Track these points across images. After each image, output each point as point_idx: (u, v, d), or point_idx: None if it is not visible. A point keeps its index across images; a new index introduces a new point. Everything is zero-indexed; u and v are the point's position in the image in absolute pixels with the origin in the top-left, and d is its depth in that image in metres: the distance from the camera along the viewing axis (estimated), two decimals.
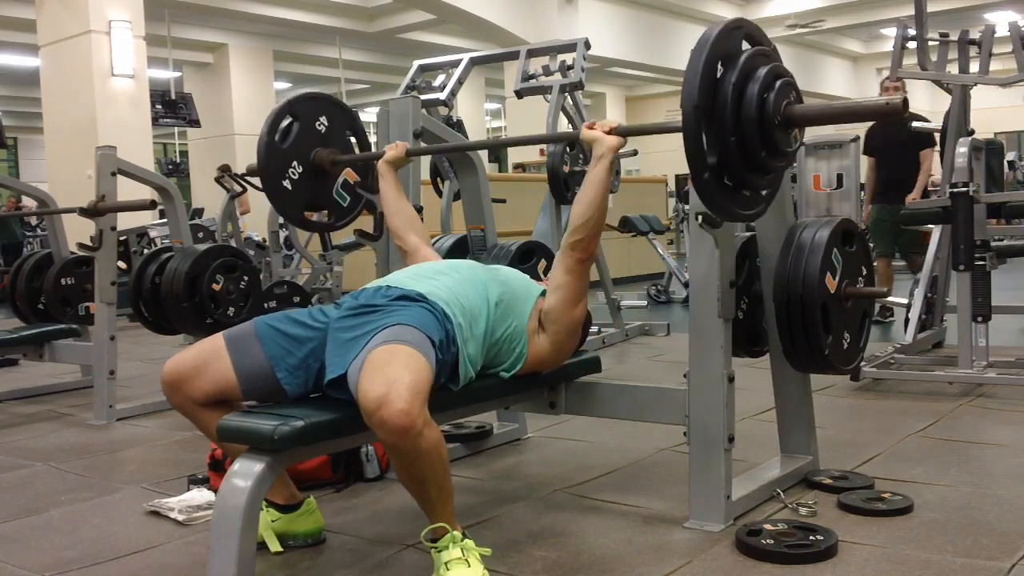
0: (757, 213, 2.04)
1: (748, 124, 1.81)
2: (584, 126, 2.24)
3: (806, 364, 2.43)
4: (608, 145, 2.18)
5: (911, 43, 4.13)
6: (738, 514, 2.25)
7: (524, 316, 2.21)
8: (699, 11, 16.12)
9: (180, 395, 2.00)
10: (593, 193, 2.18)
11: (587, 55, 5.06)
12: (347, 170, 2.79)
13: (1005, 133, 18.93)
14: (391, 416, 1.68)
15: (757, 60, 1.87)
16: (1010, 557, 1.95)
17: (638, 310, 6.72)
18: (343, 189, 2.78)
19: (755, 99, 1.81)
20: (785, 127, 1.86)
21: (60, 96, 9.64)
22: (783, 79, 1.87)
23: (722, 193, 1.84)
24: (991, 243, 3.79)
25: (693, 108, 1.75)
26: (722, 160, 1.80)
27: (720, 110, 1.79)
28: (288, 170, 2.63)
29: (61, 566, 2.14)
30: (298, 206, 2.68)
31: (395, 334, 1.88)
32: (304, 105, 2.75)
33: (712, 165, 1.79)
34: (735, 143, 1.80)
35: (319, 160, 2.69)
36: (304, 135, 2.69)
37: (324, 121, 2.73)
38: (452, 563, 1.82)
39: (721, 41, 1.83)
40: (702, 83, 1.77)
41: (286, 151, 2.64)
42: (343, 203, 2.77)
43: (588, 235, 2.18)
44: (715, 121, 1.79)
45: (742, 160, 1.82)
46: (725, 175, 1.83)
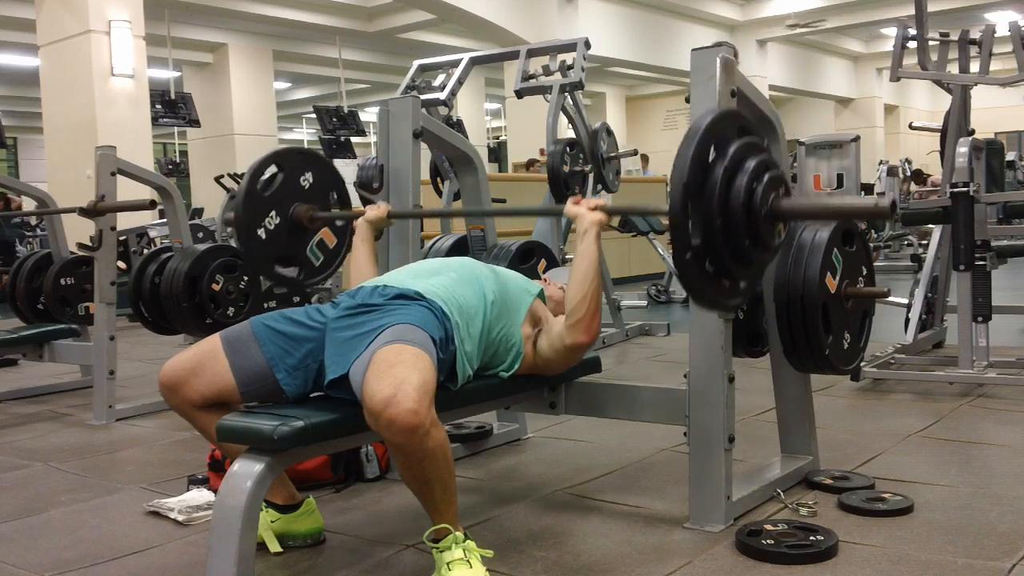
0: (734, 305, 2.00)
1: (735, 211, 1.79)
2: (570, 201, 2.20)
3: (806, 364, 2.43)
4: (591, 220, 2.12)
5: (911, 43, 4.12)
6: (738, 514, 2.25)
7: (519, 317, 2.21)
8: (699, 11, 16.13)
9: (178, 397, 2.00)
10: (584, 270, 2.11)
11: (587, 55, 5.06)
12: (326, 230, 2.73)
13: (1005, 133, 18.93)
14: (399, 416, 1.68)
15: (749, 150, 1.85)
16: (1010, 557, 1.95)
17: (638, 310, 6.71)
18: (318, 248, 2.72)
19: (744, 188, 1.79)
20: (771, 220, 1.84)
21: (60, 96, 9.64)
22: (772, 172, 1.85)
23: (702, 277, 1.82)
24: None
25: (682, 186, 1.74)
26: (706, 243, 1.78)
27: (708, 193, 1.78)
28: (265, 219, 2.59)
29: (61, 566, 2.14)
30: (269, 257, 2.60)
31: (399, 334, 1.88)
32: (291, 158, 2.70)
33: (695, 247, 1.78)
34: (720, 227, 1.78)
35: (298, 215, 2.63)
36: (286, 187, 2.63)
37: (309, 177, 2.69)
38: (454, 564, 1.82)
39: (715, 127, 1.82)
40: (693, 164, 1.76)
41: (266, 199, 2.59)
42: (316, 262, 2.69)
43: (587, 314, 2.11)
44: (702, 203, 1.78)
45: (726, 246, 1.80)
46: (707, 259, 1.81)
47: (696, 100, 2.18)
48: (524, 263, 3.13)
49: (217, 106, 14.90)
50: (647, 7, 15.42)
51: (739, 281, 1.91)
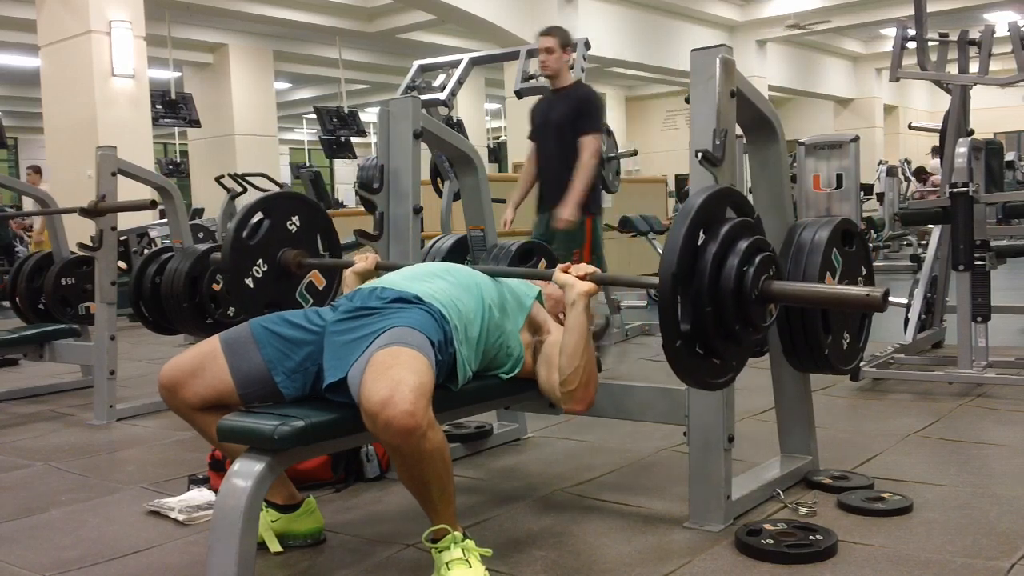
0: (725, 382, 2.00)
1: (725, 296, 1.79)
2: (559, 268, 2.15)
3: (806, 364, 2.44)
4: (579, 291, 2.08)
5: (911, 43, 4.13)
6: (738, 514, 2.25)
7: (517, 323, 2.21)
8: (699, 11, 16.13)
9: (177, 399, 2.00)
10: (574, 340, 2.07)
11: (587, 55, 5.07)
12: (314, 272, 2.74)
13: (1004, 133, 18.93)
14: (396, 417, 1.68)
15: (740, 231, 1.84)
16: (1010, 557, 1.95)
17: (638, 310, 6.72)
18: (307, 291, 2.72)
19: (734, 272, 1.79)
20: (762, 302, 1.84)
21: (60, 96, 9.64)
22: (764, 253, 1.85)
23: (692, 360, 1.82)
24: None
25: (671, 276, 1.74)
26: (696, 328, 1.79)
27: (698, 279, 1.78)
28: (252, 268, 2.59)
29: (61, 566, 2.14)
30: (258, 305, 2.60)
31: (397, 336, 1.88)
32: (277, 203, 2.70)
33: (685, 333, 1.78)
34: (710, 313, 1.78)
35: (285, 261, 2.64)
36: (273, 233, 2.63)
37: (296, 221, 2.69)
38: (453, 563, 1.82)
39: (706, 207, 1.82)
40: (682, 251, 1.76)
41: (252, 248, 2.59)
42: (305, 305, 2.70)
43: (580, 383, 2.08)
44: (692, 289, 1.77)
45: (716, 330, 1.80)
46: (697, 343, 1.81)
47: (696, 100, 2.18)
48: (524, 263, 3.13)
49: (217, 106, 14.91)
50: (647, 7, 15.42)
51: (730, 360, 1.91)
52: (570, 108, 4.41)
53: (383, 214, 2.82)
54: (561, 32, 4.57)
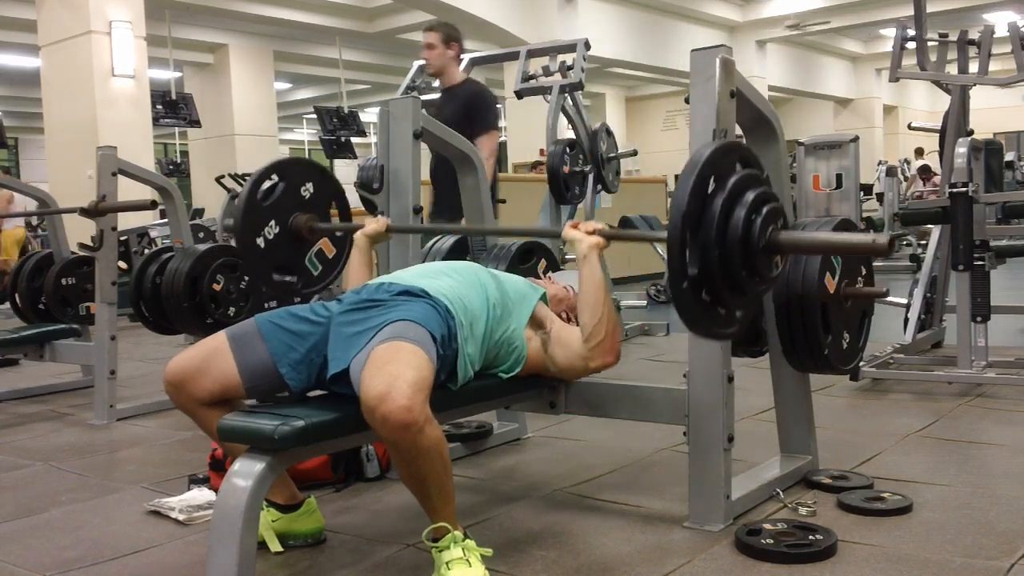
0: (730, 334, 2.00)
1: (732, 242, 1.80)
2: (568, 225, 2.21)
3: (805, 364, 2.44)
4: (589, 244, 2.12)
5: (910, 43, 4.13)
6: (738, 514, 2.25)
7: (522, 321, 2.22)
8: (699, 11, 16.13)
9: (184, 395, 2.00)
10: (594, 294, 2.12)
11: (587, 55, 5.07)
12: (324, 240, 2.73)
13: (1005, 133, 18.94)
14: (392, 412, 1.69)
15: (748, 183, 1.86)
16: (1010, 557, 1.95)
17: (638, 310, 6.72)
18: (316, 258, 2.73)
19: (742, 220, 1.80)
20: (769, 252, 1.85)
21: (60, 96, 9.65)
22: (772, 204, 1.86)
23: (698, 306, 1.82)
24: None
25: (681, 217, 1.74)
26: (703, 273, 1.79)
27: (707, 224, 1.78)
28: (264, 228, 2.59)
29: (61, 566, 2.14)
30: (268, 266, 2.60)
31: (398, 330, 1.89)
32: (292, 168, 2.70)
33: (692, 277, 1.78)
34: (717, 258, 1.79)
35: (297, 225, 2.63)
36: (286, 197, 2.63)
37: (310, 188, 2.69)
38: (453, 563, 1.82)
39: (716, 158, 1.83)
40: (693, 195, 1.76)
41: (265, 209, 2.59)
42: (314, 271, 2.70)
43: (608, 334, 2.12)
44: (701, 234, 1.78)
45: (722, 277, 1.81)
46: (704, 288, 1.81)
47: (695, 101, 2.18)
48: (524, 263, 3.13)
49: (218, 106, 14.91)
50: (647, 7, 15.43)
51: (735, 311, 1.91)
52: (460, 107, 4.19)
53: (383, 214, 2.83)
54: (445, 27, 4.35)
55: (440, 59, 4.27)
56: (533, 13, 13.27)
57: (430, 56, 4.28)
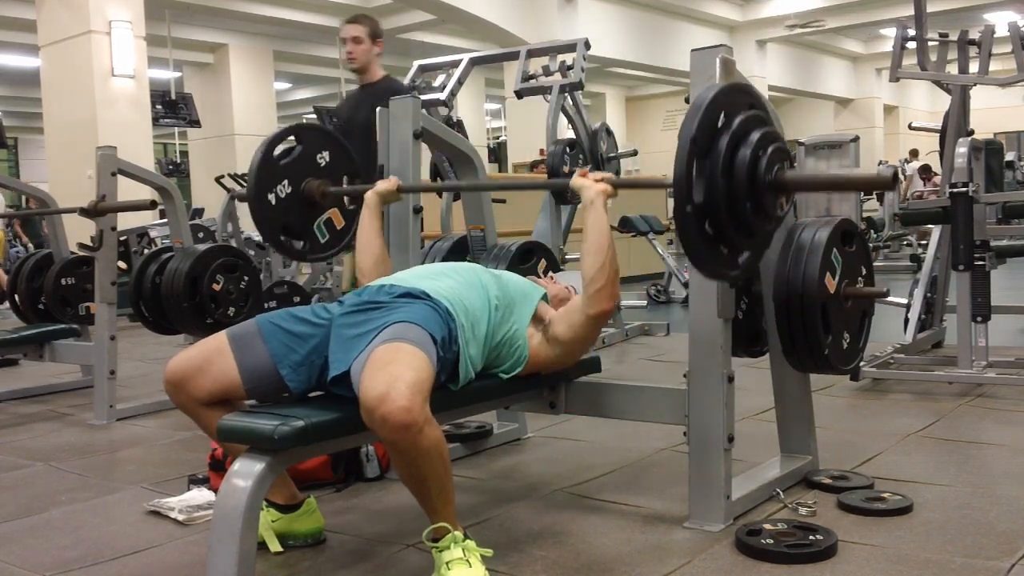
0: (731, 276, 1.99)
1: (739, 174, 1.81)
2: (577, 173, 2.23)
3: (806, 364, 2.44)
4: (595, 190, 2.14)
5: (911, 43, 4.13)
6: (738, 514, 2.25)
7: (525, 319, 2.22)
8: (699, 11, 16.13)
9: (184, 394, 2.00)
10: (598, 240, 2.13)
11: (587, 55, 5.06)
12: (335, 210, 2.75)
13: (1005, 133, 18.94)
14: (392, 413, 1.69)
15: (757, 122, 1.87)
16: (1010, 557, 1.95)
17: (638, 310, 6.72)
18: (325, 225, 2.73)
19: (750, 154, 1.81)
20: (775, 190, 1.85)
21: (60, 96, 9.64)
22: (778, 144, 1.88)
23: (701, 237, 1.82)
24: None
25: (690, 141, 1.75)
26: (708, 202, 1.79)
27: (715, 155, 1.80)
28: (277, 186, 2.60)
29: (61, 566, 2.14)
30: (276, 224, 2.63)
31: (398, 332, 1.89)
32: (311, 134, 2.73)
33: (697, 204, 1.79)
34: (723, 188, 1.79)
35: (310, 189, 2.65)
36: (302, 160, 2.65)
37: (326, 156, 2.70)
38: (453, 563, 1.82)
39: (727, 94, 1.85)
40: (702, 124, 1.77)
41: (280, 168, 2.61)
42: (321, 238, 2.71)
43: (608, 281, 2.13)
44: (708, 162, 1.79)
45: (727, 209, 1.81)
46: (708, 220, 1.82)
47: None
48: (524, 263, 3.13)
49: (217, 106, 14.91)
50: (647, 7, 15.42)
51: (739, 252, 1.91)
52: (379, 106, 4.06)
53: (383, 214, 2.82)
54: (370, 21, 4.13)
55: (367, 55, 4.06)
56: (533, 13, 13.26)
57: (356, 51, 4.05)
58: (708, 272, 1.94)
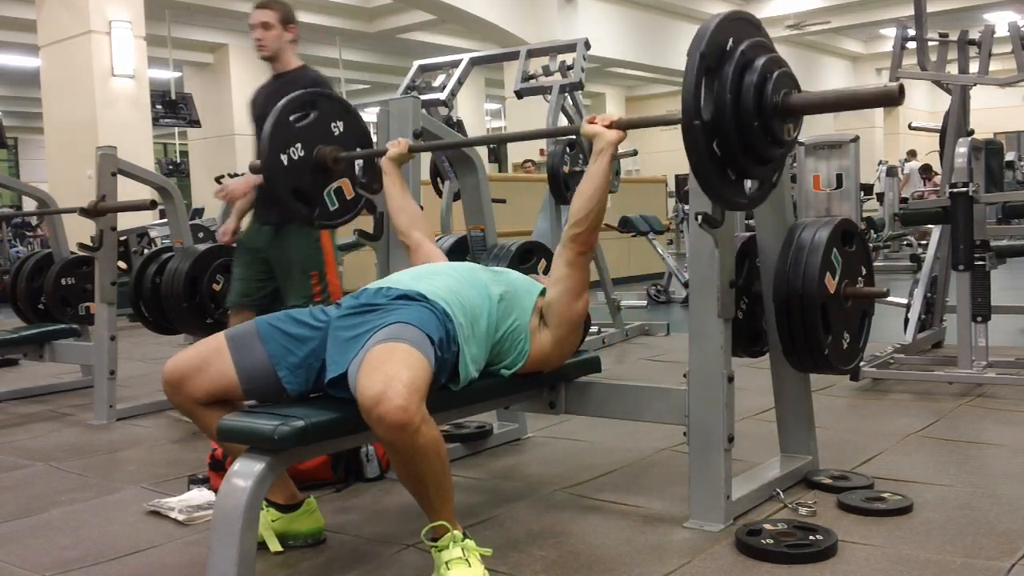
0: (740, 204, 1.99)
1: (747, 94, 1.83)
2: (585, 120, 2.25)
3: (806, 364, 2.44)
4: (608, 139, 2.18)
5: (911, 43, 4.13)
6: (738, 514, 2.25)
7: (526, 313, 2.22)
8: (699, 11, 16.11)
9: (181, 394, 2.00)
10: (593, 187, 2.20)
11: (587, 55, 5.06)
12: (346, 180, 2.77)
13: (1005, 133, 18.93)
14: (388, 412, 1.69)
15: (762, 51, 1.90)
16: (1010, 557, 1.95)
17: (638, 310, 6.72)
18: (335, 194, 2.75)
19: (757, 76, 1.84)
20: (783, 115, 1.86)
21: (60, 96, 9.64)
22: (785, 69, 1.91)
23: (711, 160, 1.83)
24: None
25: (699, 56, 1.77)
26: (716, 121, 1.80)
27: (723, 74, 1.82)
28: (291, 148, 2.63)
29: (61, 566, 2.14)
30: (286, 184, 2.65)
31: (394, 332, 1.89)
32: (328, 103, 2.77)
33: (705, 121, 1.79)
34: (731, 106, 1.81)
35: (322, 155, 2.68)
36: (317, 126, 2.69)
37: (340, 126, 2.73)
38: (453, 563, 1.82)
39: (735, 22, 1.89)
40: (712, 41, 1.80)
41: (295, 130, 2.64)
42: (331, 206, 2.73)
43: (588, 228, 2.20)
44: (717, 82, 1.81)
45: (736, 131, 1.82)
46: (715, 141, 1.82)
47: None
48: (524, 263, 3.14)
49: (217, 106, 14.90)
50: (647, 7, 15.43)
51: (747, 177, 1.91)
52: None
53: (383, 214, 2.83)
54: (281, 6, 3.84)
55: (276, 41, 3.80)
56: (533, 13, 13.27)
57: (266, 37, 3.77)
58: (714, 194, 1.93)
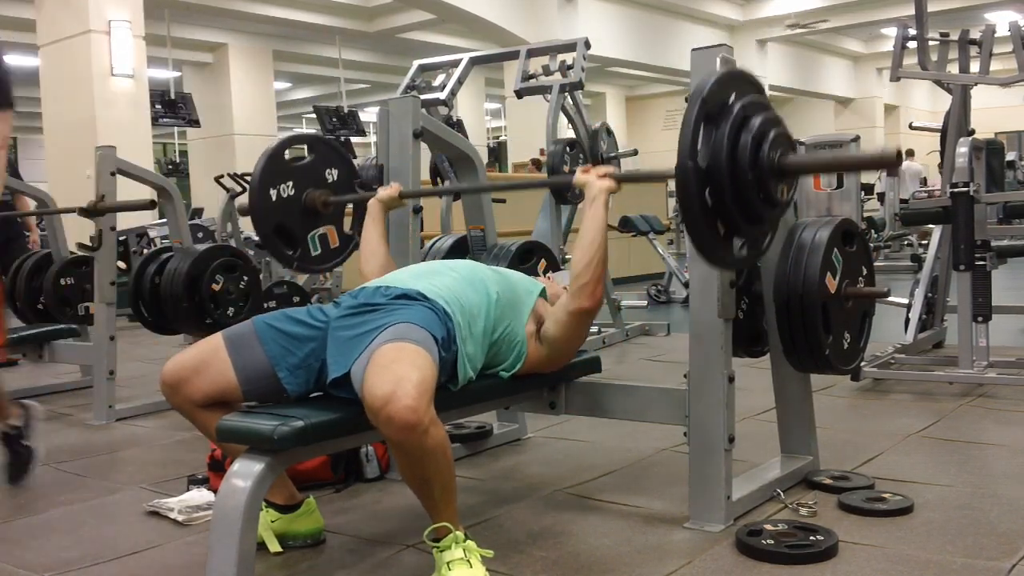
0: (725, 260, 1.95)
1: (744, 146, 1.81)
2: (579, 170, 2.24)
3: (806, 364, 2.43)
4: (600, 188, 2.16)
5: (911, 43, 4.13)
6: (738, 514, 2.25)
7: (523, 316, 2.21)
8: (699, 11, 16.13)
9: (180, 396, 1.99)
10: (591, 236, 2.15)
11: (587, 55, 5.06)
12: (332, 228, 2.75)
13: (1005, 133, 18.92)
14: (398, 413, 1.68)
15: (761, 109, 1.89)
16: (1010, 557, 1.95)
17: (638, 310, 6.71)
18: (320, 240, 2.72)
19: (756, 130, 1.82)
20: (778, 174, 1.85)
21: (59, 96, 9.64)
22: (782, 130, 1.89)
23: (701, 208, 1.80)
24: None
25: (701, 101, 1.76)
26: (710, 169, 1.78)
27: (722, 125, 1.80)
28: (280, 185, 2.61)
29: (61, 566, 2.14)
30: (270, 219, 2.62)
31: (400, 332, 1.88)
32: (326, 148, 2.75)
33: (700, 167, 1.78)
34: (727, 154, 1.79)
35: (312, 198, 2.65)
36: (311, 170, 2.67)
37: (335, 173, 2.71)
38: (454, 563, 1.82)
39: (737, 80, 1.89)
40: (713, 90, 1.79)
41: (288, 168, 2.62)
42: (313, 251, 2.70)
43: (593, 278, 2.14)
44: (715, 132, 1.79)
45: (729, 181, 1.80)
46: (708, 188, 1.80)
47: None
48: (524, 263, 3.13)
49: (217, 106, 14.91)
50: (647, 7, 15.42)
51: (734, 235, 1.89)
52: None
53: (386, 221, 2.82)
54: None
55: None
56: (533, 12, 13.27)
57: None
58: (700, 243, 1.87)
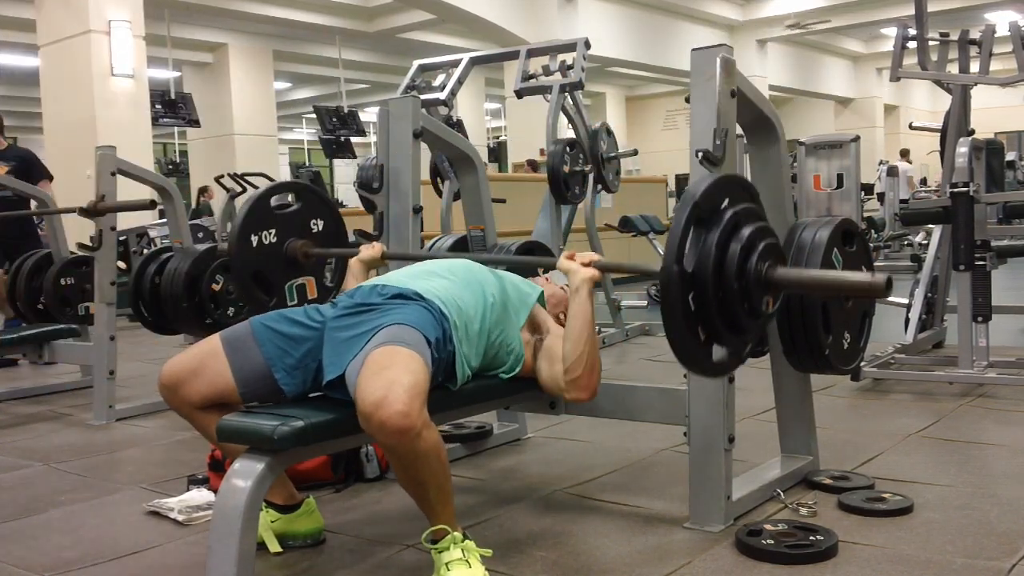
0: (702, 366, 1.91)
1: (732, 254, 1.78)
2: (564, 255, 2.19)
3: (806, 364, 2.43)
4: (583, 277, 2.12)
5: (911, 43, 4.12)
6: (738, 514, 2.25)
7: (520, 321, 2.21)
8: (699, 11, 16.12)
9: (178, 398, 1.99)
10: (579, 329, 2.10)
11: (587, 55, 5.05)
12: (311, 280, 2.69)
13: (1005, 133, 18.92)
14: (390, 418, 1.68)
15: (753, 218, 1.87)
16: (1010, 557, 1.95)
17: (638, 310, 6.72)
18: (297, 290, 2.66)
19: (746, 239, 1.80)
20: (764, 286, 1.82)
21: (59, 96, 9.63)
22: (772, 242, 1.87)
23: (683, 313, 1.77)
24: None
25: (693, 204, 1.74)
26: (696, 273, 1.76)
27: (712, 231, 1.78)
28: (263, 232, 2.56)
29: (61, 566, 2.14)
30: (249, 265, 2.56)
31: (393, 335, 1.88)
32: (313, 198, 2.70)
33: (686, 271, 1.76)
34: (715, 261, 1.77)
35: (293, 248, 2.59)
36: (296, 219, 2.62)
37: (320, 224, 2.67)
38: (453, 564, 1.82)
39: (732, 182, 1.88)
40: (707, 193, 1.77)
41: (272, 215, 2.57)
42: (288, 301, 2.63)
43: (585, 371, 2.10)
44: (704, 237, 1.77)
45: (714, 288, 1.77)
46: (692, 293, 1.77)
47: (696, 100, 2.18)
48: None
49: (217, 106, 14.90)
50: (647, 7, 15.41)
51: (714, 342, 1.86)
52: None
53: (383, 214, 2.82)
54: None
55: None
56: (533, 12, 13.26)
57: None
58: (679, 348, 1.83)
